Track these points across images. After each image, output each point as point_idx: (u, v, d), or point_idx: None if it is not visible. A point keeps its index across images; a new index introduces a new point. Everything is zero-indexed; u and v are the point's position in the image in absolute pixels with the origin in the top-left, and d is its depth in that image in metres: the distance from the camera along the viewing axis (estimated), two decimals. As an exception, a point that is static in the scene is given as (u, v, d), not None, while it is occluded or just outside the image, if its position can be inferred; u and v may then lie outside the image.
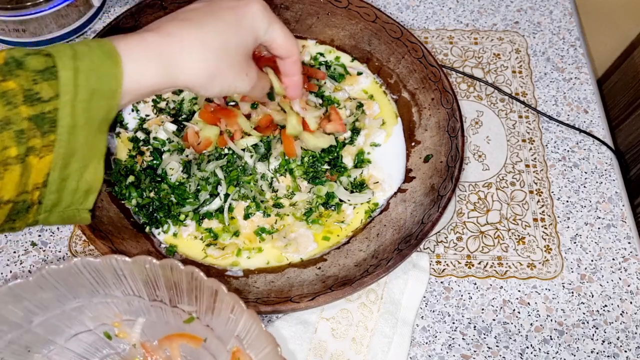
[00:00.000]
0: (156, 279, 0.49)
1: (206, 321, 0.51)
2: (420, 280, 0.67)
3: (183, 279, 0.49)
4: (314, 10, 0.80)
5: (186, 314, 0.52)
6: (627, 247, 0.72)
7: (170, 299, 0.51)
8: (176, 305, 0.51)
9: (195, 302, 0.50)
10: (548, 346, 0.65)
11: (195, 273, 0.47)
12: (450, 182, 0.65)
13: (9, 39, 0.82)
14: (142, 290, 0.51)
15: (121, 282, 0.50)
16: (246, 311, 0.47)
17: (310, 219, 0.68)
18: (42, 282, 0.48)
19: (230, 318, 0.49)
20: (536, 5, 0.94)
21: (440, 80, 0.72)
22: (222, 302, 0.48)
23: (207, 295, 0.49)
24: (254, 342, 0.48)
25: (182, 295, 0.50)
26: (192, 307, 0.51)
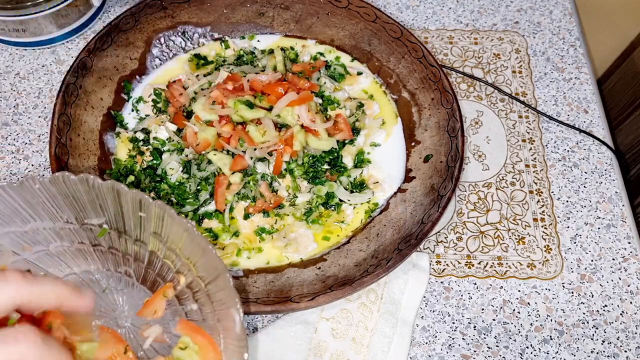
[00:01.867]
0: (55, 200, 0.46)
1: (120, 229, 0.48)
2: (420, 280, 0.67)
3: (80, 189, 0.45)
4: (314, 10, 0.80)
5: (97, 227, 0.48)
6: (627, 247, 0.72)
7: (76, 217, 0.47)
8: (84, 222, 0.48)
9: (102, 212, 0.47)
10: (548, 346, 0.65)
11: (90, 179, 0.44)
12: (450, 182, 0.65)
13: (9, 39, 0.82)
14: (42, 214, 0.47)
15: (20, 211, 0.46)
16: (152, 202, 0.44)
17: (310, 219, 0.68)
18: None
19: (142, 217, 0.46)
20: (536, 5, 0.94)
21: (440, 80, 0.72)
22: (127, 203, 0.45)
23: (110, 200, 0.46)
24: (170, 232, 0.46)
25: (87, 209, 0.47)
26: (101, 219, 0.47)
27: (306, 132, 0.70)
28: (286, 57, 0.79)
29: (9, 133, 0.77)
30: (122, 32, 0.75)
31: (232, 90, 0.70)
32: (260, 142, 0.68)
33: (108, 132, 0.72)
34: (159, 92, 0.75)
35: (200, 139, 0.69)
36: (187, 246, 0.46)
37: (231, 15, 0.81)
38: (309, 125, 0.69)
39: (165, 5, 0.78)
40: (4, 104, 0.79)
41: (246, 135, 0.68)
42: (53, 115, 0.66)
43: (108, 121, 0.73)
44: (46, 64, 0.83)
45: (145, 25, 0.77)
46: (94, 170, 0.68)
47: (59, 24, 0.81)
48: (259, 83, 0.71)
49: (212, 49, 0.81)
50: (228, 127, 0.68)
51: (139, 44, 0.77)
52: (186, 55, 0.80)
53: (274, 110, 0.69)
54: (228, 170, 0.67)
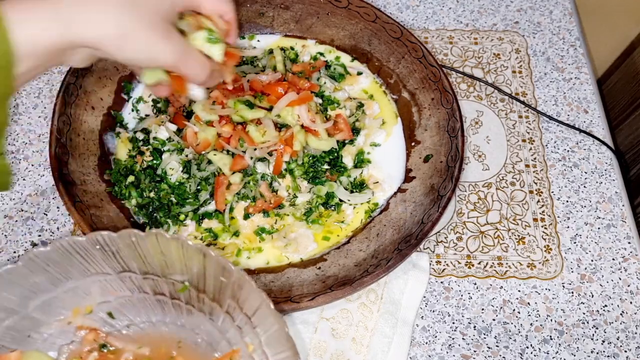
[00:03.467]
0: (144, 252, 0.49)
1: (199, 288, 0.50)
2: (420, 280, 0.67)
3: (171, 247, 0.48)
4: (314, 10, 0.80)
5: (179, 283, 0.51)
6: (627, 247, 0.72)
7: (161, 270, 0.50)
8: (167, 276, 0.51)
9: (186, 270, 0.50)
10: (548, 346, 0.65)
11: (182, 240, 0.47)
12: (450, 182, 0.65)
13: (9, 39, 0.82)
14: (132, 265, 0.50)
15: (110, 258, 0.49)
16: (235, 270, 0.46)
17: (310, 219, 0.68)
18: (31, 266, 0.48)
19: (223, 282, 0.48)
20: (536, 5, 0.94)
21: (440, 80, 0.72)
22: (211, 267, 0.48)
23: (196, 261, 0.48)
24: (247, 299, 0.48)
25: (173, 266, 0.50)
26: (184, 276, 0.50)
27: (306, 132, 0.70)
28: (286, 57, 0.79)
29: (9, 133, 0.77)
30: (122, 32, 0.75)
31: (232, 90, 0.70)
32: (260, 142, 0.68)
33: (108, 132, 0.72)
34: (159, 92, 0.75)
35: (200, 139, 0.69)
36: (261, 318, 0.48)
37: (231, 15, 0.81)
38: (309, 125, 0.69)
39: (165, 5, 0.77)
40: (4, 104, 0.79)
41: (246, 135, 0.68)
42: (53, 115, 0.66)
43: (108, 121, 0.73)
44: (46, 64, 0.83)
45: (145, 25, 0.77)
46: (94, 170, 0.68)
47: (59, 24, 0.81)
48: (259, 83, 0.71)
49: (212, 49, 0.81)
50: (228, 127, 0.68)
51: (139, 44, 0.77)
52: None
53: (274, 110, 0.69)
54: (228, 171, 0.67)
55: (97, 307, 0.53)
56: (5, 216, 0.71)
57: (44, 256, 0.48)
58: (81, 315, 0.53)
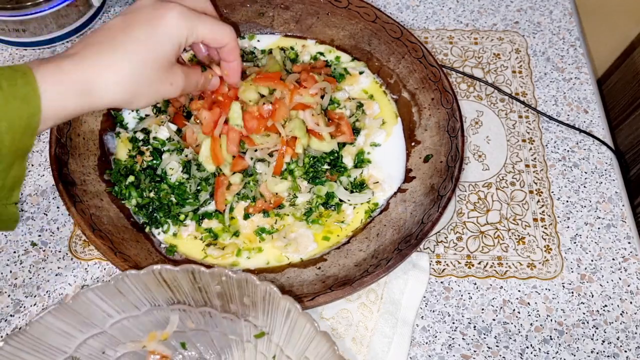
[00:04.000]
0: (230, 292, 0.50)
1: (276, 338, 0.52)
2: (420, 280, 0.67)
3: (257, 293, 0.49)
4: (314, 10, 0.80)
5: (257, 328, 0.52)
6: (627, 247, 0.72)
7: (242, 311, 0.52)
8: (247, 319, 0.52)
9: (266, 317, 0.51)
10: (548, 346, 0.65)
11: (270, 289, 0.48)
12: (450, 182, 0.65)
13: (9, 39, 0.82)
14: (215, 301, 0.51)
15: (196, 291, 0.51)
16: (319, 333, 0.47)
17: (310, 219, 0.68)
18: (121, 286, 0.49)
19: (301, 337, 0.49)
20: (536, 5, 0.94)
21: (440, 80, 0.72)
22: (295, 321, 0.49)
23: (279, 312, 0.49)
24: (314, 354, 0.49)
25: (256, 309, 0.51)
26: (264, 322, 0.52)
27: (309, 135, 0.69)
28: (286, 57, 0.79)
29: (9, 133, 0.77)
30: (122, 32, 0.75)
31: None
32: (260, 143, 0.68)
33: (108, 132, 0.72)
34: (159, 92, 0.75)
35: (200, 139, 0.69)
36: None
37: (231, 15, 0.81)
38: (313, 128, 0.69)
39: (165, 5, 0.77)
40: (4, 104, 0.79)
41: (247, 137, 0.68)
42: (53, 115, 0.66)
43: (108, 121, 0.73)
44: (46, 64, 0.83)
45: (145, 25, 0.77)
46: (94, 170, 0.68)
47: (59, 24, 0.81)
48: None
49: (212, 49, 0.81)
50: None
51: (139, 44, 0.77)
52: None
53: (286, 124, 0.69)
54: (228, 171, 0.67)
55: (172, 336, 0.54)
56: (5, 216, 0.71)
57: (135, 279, 0.49)
58: (156, 341, 0.54)
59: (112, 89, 0.49)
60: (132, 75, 0.49)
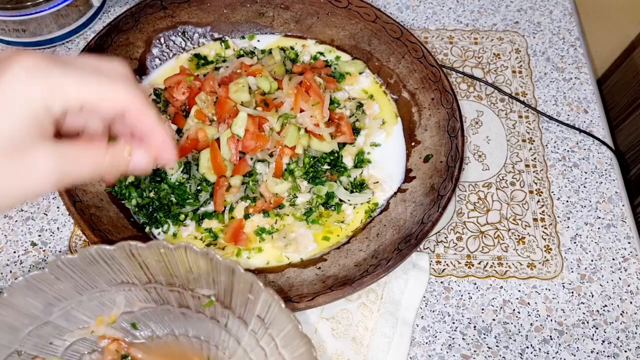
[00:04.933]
0: (172, 265, 0.49)
1: (225, 303, 0.51)
2: (420, 280, 0.67)
3: (200, 261, 0.48)
4: (314, 10, 0.80)
5: (205, 298, 0.51)
6: (627, 247, 0.72)
7: (188, 283, 0.51)
8: (194, 290, 0.51)
9: (213, 285, 0.50)
10: (548, 346, 0.65)
11: (211, 254, 0.47)
12: (450, 182, 0.65)
13: (9, 39, 0.82)
14: (159, 276, 0.50)
15: (137, 269, 0.49)
16: (264, 290, 0.47)
17: (310, 219, 0.68)
18: (57, 273, 0.48)
19: (250, 298, 0.48)
20: (536, 5, 0.94)
21: (440, 80, 0.72)
22: (239, 283, 0.48)
23: (224, 277, 0.48)
24: (275, 321, 0.48)
25: (200, 279, 0.50)
26: (211, 291, 0.50)
27: (309, 135, 0.70)
28: (286, 57, 0.79)
29: (9, 133, 0.77)
30: (122, 32, 0.75)
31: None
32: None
33: (108, 132, 0.72)
34: (159, 92, 0.75)
35: (200, 139, 0.69)
36: (288, 339, 0.48)
37: (231, 15, 0.81)
38: (313, 129, 0.69)
39: (165, 5, 0.78)
40: (4, 104, 0.79)
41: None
42: (53, 115, 0.66)
43: (108, 121, 0.73)
44: (46, 64, 0.83)
45: (145, 25, 0.77)
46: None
47: (59, 24, 0.81)
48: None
49: (212, 49, 0.81)
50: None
51: (139, 44, 0.77)
52: (186, 55, 0.80)
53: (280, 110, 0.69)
54: (229, 173, 0.67)
55: (120, 318, 0.53)
56: (5, 216, 0.71)
57: (70, 263, 0.48)
58: (104, 325, 0.53)
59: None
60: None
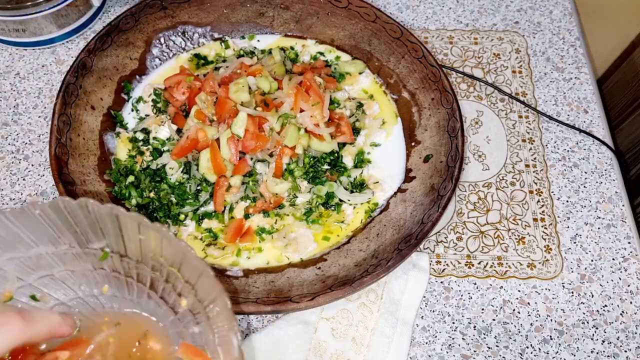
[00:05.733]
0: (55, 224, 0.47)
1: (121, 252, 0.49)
2: (420, 280, 0.67)
3: (80, 214, 0.46)
4: (314, 10, 0.80)
5: (99, 251, 0.49)
6: (627, 247, 0.72)
7: (78, 241, 0.48)
8: (86, 247, 0.49)
9: (103, 236, 0.48)
10: (548, 346, 0.65)
11: (90, 204, 0.45)
12: (450, 182, 0.65)
13: (9, 39, 0.82)
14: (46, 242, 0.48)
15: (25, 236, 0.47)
16: (151, 226, 0.45)
17: (310, 219, 0.68)
18: None
19: (141, 239, 0.47)
20: (536, 5, 0.94)
21: (440, 80, 0.72)
22: (127, 227, 0.46)
23: (110, 224, 0.47)
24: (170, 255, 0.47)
25: (88, 233, 0.48)
26: (102, 242, 0.48)
27: (309, 135, 0.70)
28: (286, 57, 0.79)
29: (9, 133, 0.77)
30: (122, 32, 0.75)
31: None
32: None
33: (108, 132, 0.72)
34: (159, 92, 0.75)
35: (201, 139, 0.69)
36: (186, 269, 0.47)
37: (231, 15, 0.81)
38: (313, 129, 0.69)
39: (165, 5, 0.78)
40: (4, 104, 0.79)
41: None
42: (53, 115, 0.66)
43: (108, 121, 0.73)
44: (46, 64, 0.83)
45: (145, 25, 0.77)
46: (94, 170, 0.68)
47: (59, 24, 0.81)
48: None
49: (212, 49, 0.81)
50: None
51: (139, 44, 0.77)
52: (186, 55, 0.80)
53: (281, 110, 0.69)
54: (229, 173, 0.67)
55: (17, 292, 0.50)
56: (5, 216, 0.71)
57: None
58: (1, 304, 0.49)
59: None
60: None
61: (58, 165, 0.63)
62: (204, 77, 0.73)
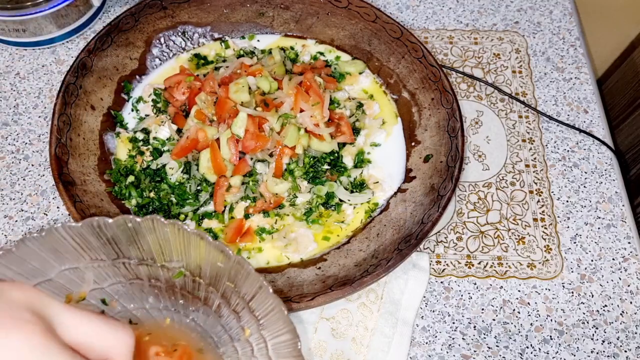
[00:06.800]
0: (140, 238, 0.49)
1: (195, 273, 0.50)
2: (420, 280, 0.67)
3: (167, 233, 0.48)
4: (314, 10, 0.80)
5: (175, 269, 0.51)
6: (627, 247, 0.72)
7: (158, 257, 0.50)
8: (164, 264, 0.51)
9: (183, 256, 0.50)
10: (548, 346, 0.65)
11: (179, 225, 0.47)
12: (450, 182, 0.65)
13: (9, 39, 0.82)
14: (128, 251, 0.50)
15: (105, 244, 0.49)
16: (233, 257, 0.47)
17: (310, 219, 0.68)
18: (25, 252, 0.47)
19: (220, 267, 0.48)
20: (536, 5, 0.94)
21: (440, 80, 0.72)
22: (209, 253, 0.48)
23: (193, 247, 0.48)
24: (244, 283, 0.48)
25: (170, 251, 0.49)
26: (180, 262, 0.50)
27: (309, 135, 0.70)
28: (286, 57, 0.79)
29: (9, 133, 0.77)
30: (122, 32, 0.75)
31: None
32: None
33: (108, 132, 0.72)
34: (159, 92, 0.75)
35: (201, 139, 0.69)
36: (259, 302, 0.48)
37: (231, 15, 0.81)
38: (313, 129, 0.69)
39: (165, 5, 0.78)
40: (4, 104, 0.79)
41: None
42: (53, 115, 0.66)
43: (108, 121, 0.73)
44: (46, 64, 0.83)
45: (145, 25, 0.77)
46: (94, 170, 0.68)
47: (59, 24, 0.81)
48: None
49: (212, 49, 0.81)
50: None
51: (139, 44, 0.77)
52: (186, 55, 0.80)
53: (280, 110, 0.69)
54: (229, 173, 0.67)
55: (90, 294, 0.52)
56: (5, 216, 0.71)
57: (38, 242, 0.47)
58: (74, 302, 0.52)
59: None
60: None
61: (58, 165, 0.63)
62: (204, 77, 0.73)
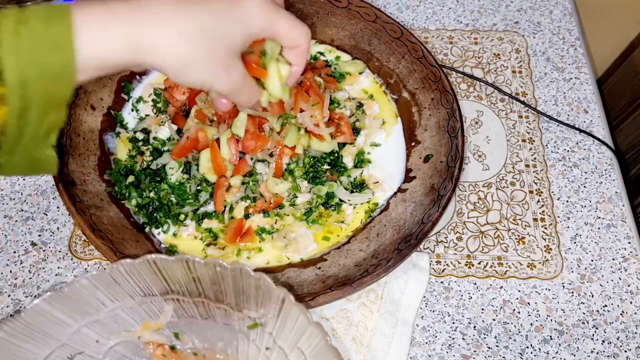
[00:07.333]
0: (225, 283, 0.50)
1: (269, 329, 0.51)
2: (420, 280, 0.67)
3: (251, 284, 0.49)
4: (314, 10, 0.80)
5: (251, 319, 0.52)
6: (627, 247, 0.72)
7: (237, 303, 0.51)
8: (241, 310, 0.52)
9: (260, 307, 0.51)
10: (548, 346, 0.65)
11: (263, 279, 0.48)
12: (450, 182, 0.65)
13: (9, 39, 0.82)
14: (209, 292, 0.51)
15: (190, 281, 0.50)
16: (312, 323, 0.47)
17: (310, 219, 0.68)
18: (116, 275, 0.49)
19: (295, 328, 0.49)
20: (536, 5, 0.94)
21: (440, 80, 0.72)
22: (288, 312, 0.49)
23: (273, 303, 0.49)
24: (317, 356, 0.49)
25: (249, 301, 0.51)
26: (258, 313, 0.51)
27: (309, 135, 0.69)
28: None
29: (9, 133, 0.77)
30: (122, 32, 0.75)
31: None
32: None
33: (108, 132, 0.72)
34: (159, 92, 0.75)
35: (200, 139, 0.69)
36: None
37: (231, 15, 0.81)
38: (313, 129, 0.69)
39: (165, 5, 0.77)
40: (4, 104, 0.79)
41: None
42: (53, 115, 0.66)
43: (108, 121, 0.73)
44: (46, 64, 0.83)
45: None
46: (94, 170, 0.68)
47: (59, 24, 0.81)
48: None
49: (212, 49, 0.81)
50: None
51: (139, 44, 0.77)
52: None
53: None
54: (229, 173, 0.67)
55: (165, 326, 0.54)
56: (5, 216, 0.71)
57: (130, 267, 0.49)
58: (150, 331, 0.54)
59: (164, 49, 0.42)
60: (193, 39, 0.43)
61: (58, 165, 0.63)
62: None
